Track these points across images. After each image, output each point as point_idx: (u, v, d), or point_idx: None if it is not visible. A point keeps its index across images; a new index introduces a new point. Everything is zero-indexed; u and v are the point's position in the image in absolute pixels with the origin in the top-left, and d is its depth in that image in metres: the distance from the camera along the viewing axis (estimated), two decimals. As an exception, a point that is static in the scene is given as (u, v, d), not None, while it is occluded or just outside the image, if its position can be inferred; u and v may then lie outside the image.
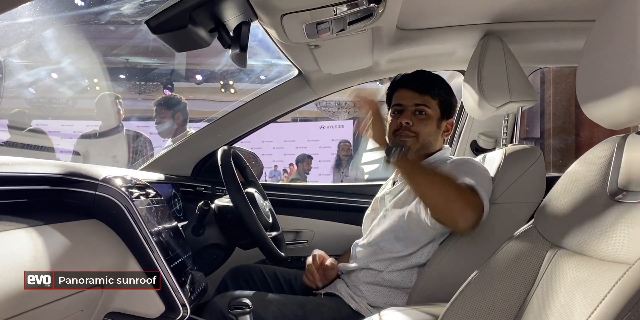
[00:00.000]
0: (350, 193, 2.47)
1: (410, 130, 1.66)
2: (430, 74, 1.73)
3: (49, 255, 0.88)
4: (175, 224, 1.45)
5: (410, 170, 1.43)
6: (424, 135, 1.67)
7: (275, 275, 1.90)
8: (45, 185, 1.07)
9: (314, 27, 1.42)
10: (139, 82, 11.07)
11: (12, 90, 7.52)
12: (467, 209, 1.34)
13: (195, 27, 1.19)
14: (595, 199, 0.87)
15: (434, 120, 1.67)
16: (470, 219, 1.34)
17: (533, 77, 2.01)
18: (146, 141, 3.83)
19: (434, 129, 1.68)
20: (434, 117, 1.67)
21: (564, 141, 5.95)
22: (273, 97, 2.26)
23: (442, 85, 1.70)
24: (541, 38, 1.85)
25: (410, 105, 1.67)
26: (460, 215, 1.34)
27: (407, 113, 1.67)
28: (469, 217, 1.34)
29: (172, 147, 2.33)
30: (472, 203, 1.35)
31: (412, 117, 1.66)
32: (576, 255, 0.88)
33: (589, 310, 0.72)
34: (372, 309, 1.57)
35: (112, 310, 1.16)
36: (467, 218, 1.34)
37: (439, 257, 1.51)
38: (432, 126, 1.67)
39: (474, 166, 1.54)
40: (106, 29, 9.09)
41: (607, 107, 0.84)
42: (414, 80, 1.70)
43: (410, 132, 1.66)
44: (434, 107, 1.67)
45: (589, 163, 0.94)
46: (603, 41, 0.87)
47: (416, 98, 1.67)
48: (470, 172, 1.47)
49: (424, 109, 1.66)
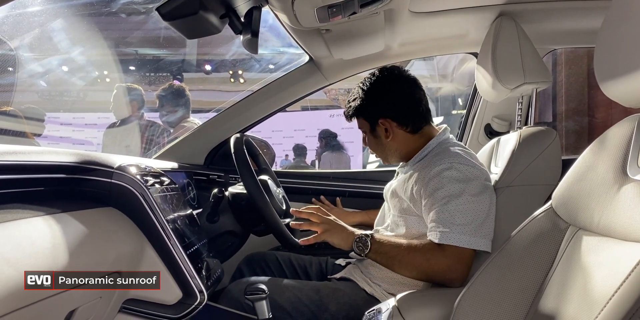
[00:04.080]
0: (363, 179, 2.46)
1: (376, 155, 1.74)
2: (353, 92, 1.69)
3: (67, 242, 0.89)
4: (190, 212, 1.45)
5: (383, 261, 1.48)
6: (378, 152, 1.71)
7: (290, 262, 1.91)
8: (61, 174, 1.08)
9: (325, 10, 1.41)
10: (148, 73, 11.08)
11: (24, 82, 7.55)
12: (451, 270, 1.37)
13: (206, 13, 1.19)
14: (614, 178, 0.86)
15: (368, 134, 1.69)
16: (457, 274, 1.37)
17: (545, 60, 1.98)
18: (164, 131, 3.87)
19: (374, 141, 1.69)
20: (368, 132, 1.68)
21: (578, 123, 5.88)
22: (284, 84, 2.25)
23: (357, 98, 1.65)
24: (556, 18, 1.82)
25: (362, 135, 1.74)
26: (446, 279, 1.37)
27: (363, 139, 1.74)
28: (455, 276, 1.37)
29: (184, 136, 2.33)
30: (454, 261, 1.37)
31: (365, 141, 1.73)
32: (595, 235, 0.87)
33: (611, 291, 0.71)
34: (388, 293, 1.57)
35: (130, 297, 1.18)
36: (453, 278, 1.37)
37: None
38: (373, 141, 1.69)
39: (452, 182, 1.42)
40: (117, 17, 9.09)
41: (626, 85, 0.83)
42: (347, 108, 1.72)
43: (376, 157, 1.75)
44: (362, 124, 1.69)
45: (607, 143, 0.93)
46: (621, 19, 0.85)
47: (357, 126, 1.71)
48: (449, 196, 1.40)
49: (362, 130, 1.71)
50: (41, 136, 4.16)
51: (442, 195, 1.42)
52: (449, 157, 1.48)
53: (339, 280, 1.70)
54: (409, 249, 1.43)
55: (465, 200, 1.40)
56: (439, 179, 1.44)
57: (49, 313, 0.88)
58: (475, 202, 1.40)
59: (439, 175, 1.44)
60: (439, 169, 1.45)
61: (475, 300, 1.03)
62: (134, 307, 1.18)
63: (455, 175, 1.43)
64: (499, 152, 1.71)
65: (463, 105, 2.58)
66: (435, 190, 1.43)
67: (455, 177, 1.43)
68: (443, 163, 1.46)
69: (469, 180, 1.42)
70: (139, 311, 1.18)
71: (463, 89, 6.80)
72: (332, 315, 1.55)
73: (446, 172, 1.44)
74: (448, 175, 1.43)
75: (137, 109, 3.92)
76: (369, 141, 1.70)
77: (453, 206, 1.39)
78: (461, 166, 1.44)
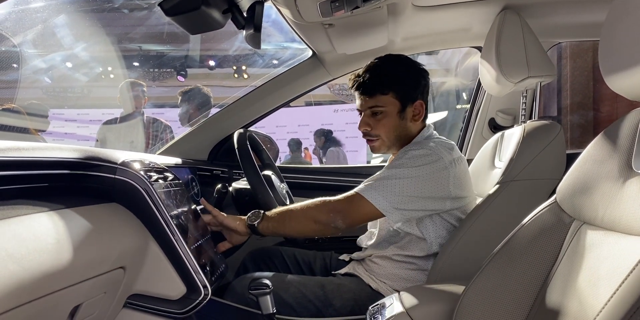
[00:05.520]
0: (366, 174, 2.45)
1: (371, 134, 1.64)
2: (376, 69, 1.61)
3: (71, 238, 0.89)
4: (194, 207, 1.46)
5: (276, 224, 1.52)
6: (387, 134, 1.63)
7: (294, 257, 1.91)
8: (64, 170, 1.08)
9: (328, 4, 1.41)
10: (152, 69, 11.08)
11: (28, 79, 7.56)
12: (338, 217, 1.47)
13: (208, 8, 1.19)
14: (619, 172, 0.85)
15: (392, 115, 1.61)
16: (344, 220, 1.47)
17: (549, 53, 1.98)
18: (167, 128, 3.90)
19: (397, 122, 1.62)
20: (393, 112, 1.61)
21: (582, 117, 5.86)
22: (288, 79, 2.25)
23: (390, 75, 1.60)
24: (560, 11, 1.81)
25: (364, 110, 1.63)
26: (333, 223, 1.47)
27: (364, 118, 1.64)
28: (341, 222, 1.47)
29: (188, 132, 2.33)
30: (352, 207, 1.47)
31: (370, 120, 1.63)
32: (600, 229, 0.87)
33: (615, 285, 0.71)
34: (393, 290, 1.57)
35: (134, 293, 1.18)
36: (339, 223, 1.47)
37: (459, 235, 1.49)
38: (394, 121, 1.61)
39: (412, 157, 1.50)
40: (120, 12, 9.09)
41: (631, 78, 0.83)
42: (360, 83, 1.62)
43: (372, 136, 1.65)
44: (389, 102, 1.60)
45: (612, 137, 0.92)
46: (626, 12, 0.85)
47: (368, 101, 1.61)
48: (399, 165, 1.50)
49: (378, 110, 1.61)
50: (46, 132, 4.17)
51: (394, 164, 1.51)
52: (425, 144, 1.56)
53: (343, 276, 1.70)
54: (301, 206, 1.53)
55: (412, 173, 1.47)
56: (403, 153, 1.54)
57: (53, 308, 0.89)
58: (419, 180, 1.47)
59: (405, 151, 1.54)
60: (409, 148, 1.56)
61: (479, 295, 1.03)
62: (138, 302, 1.19)
63: (420, 153, 1.50)
64: (503, 146, 1.71)
65: (467, 100, 2.58)
66: (394, 161, 1.54)
67: (417, 154, 1.50)
68: (416, 146, 1.56)
69: (429, 162, 1.49)
70: (144, 306, 1.19)
71: (467, 83, 6.77)
72: (337, 311, 1.55)
73: (413, 151, 1.52)
74: (412, 152, 1.51)
75: (141, 105, 3.95)
76: (386, 121, 1.61)
77: (396, 171, 1.47)
78: (430, 150, 1.51)
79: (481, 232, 1.48)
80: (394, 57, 1.65)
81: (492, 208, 1.47)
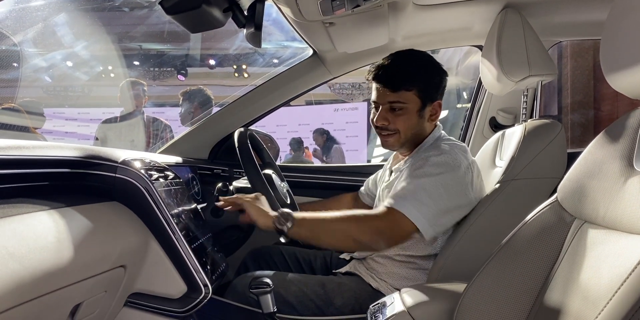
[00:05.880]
0: (367, 173, 2.46)
1: (389, 129, 1.59)
2: (402, 64, 1.56)
3: (72, 236, 0.89)
4: (195, 206, 1.46)
5: (309, 234, 1.44)
6: (405, 130, 1.58)
7: (295, 256, 1.91)
8: (65, 168, 1.08)
9: (329, 3, 1.40)
10: (152, 68, 11.08)
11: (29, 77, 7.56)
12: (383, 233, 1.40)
13: (209, 7, 1.18)
14: (620, 171, 0.85)
15: (413, 112, 1.56)
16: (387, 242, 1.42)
17: (550, 52, 1.97)
18: (166, 127, 3.91)
19: (416, 121, 1.58)
20: (413, 110, 1.56)
21: (583, 116, 5.85)
22: (288, 78, 2.24)
23: (418, 73, 1.56)
24: (561, 10, 1.81)
25: (384, 104, 1.58)
26: (375, 245, 1.43)
27: (382, 112, 1.58)
28: (383, 243, 1.42)
29: (188, 131, 2.33)
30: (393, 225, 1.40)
31: (389, 115, 1.58)
32: (602, 228, 0.87)
33: (617, 284, 0.71)
34: (394, 289, 1.57)
35: (135, 291, 1.18)
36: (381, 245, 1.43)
37: (460, 234, 1.49)
38: (413, 119, 1.57)
39: (435, 165, 1.46)
40: (121, 11, 9.08)
41: (632, 77, 0.83)
42: (385, 76, 1.56)
43: (389, 131, 1.60)
44: (411, 99, 1.55)
45: (613, 135, 0.92)
46: (627, 11, 0.85)
47: (389, 95, 1.55)
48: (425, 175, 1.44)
49: (398, 106, 1.56)
50: (45, 131, 4.18)
51: (419, 173, 1.46)
52: (443, 148, 1.53)
53: (344, 275, 1.70)
54: (337, 218, 1.43)
55: (439, 183, 1.43)
56: (424, 161, 1.48)
57: (54, 307, 0.89)
58: (446, 190, 1.43)
59: (426, 158, 1.49)
60: (428, 154, 1.50)
61: (480, 294, 1.03)
62: (139, 301, 1.19)
63: (442, 159, 1.47)
64: (504, 145, 1.70)
65: (468, 99, 2.58)
66: (416, 169, 1.48)
67: (440, 161, 1.46)
68: (435, 150, 1.52)
69: (452, 169, 1.45)
70: (144, 305, 1.19)
71: (468, 82, 6.76)
72: (338, 310, 1.55)
73: (434, 157, 1.48)
74: (434, 159, 1.47)
75: (142, 104, 3.96)
76: (405, 118, 1.57)
77: (423, 182, 1.43)
78: (450, 156, 1.48)
79: (482, 231, 1.48)
80: (420, 54, 1.61)
81: (493, 207, 1.47)
